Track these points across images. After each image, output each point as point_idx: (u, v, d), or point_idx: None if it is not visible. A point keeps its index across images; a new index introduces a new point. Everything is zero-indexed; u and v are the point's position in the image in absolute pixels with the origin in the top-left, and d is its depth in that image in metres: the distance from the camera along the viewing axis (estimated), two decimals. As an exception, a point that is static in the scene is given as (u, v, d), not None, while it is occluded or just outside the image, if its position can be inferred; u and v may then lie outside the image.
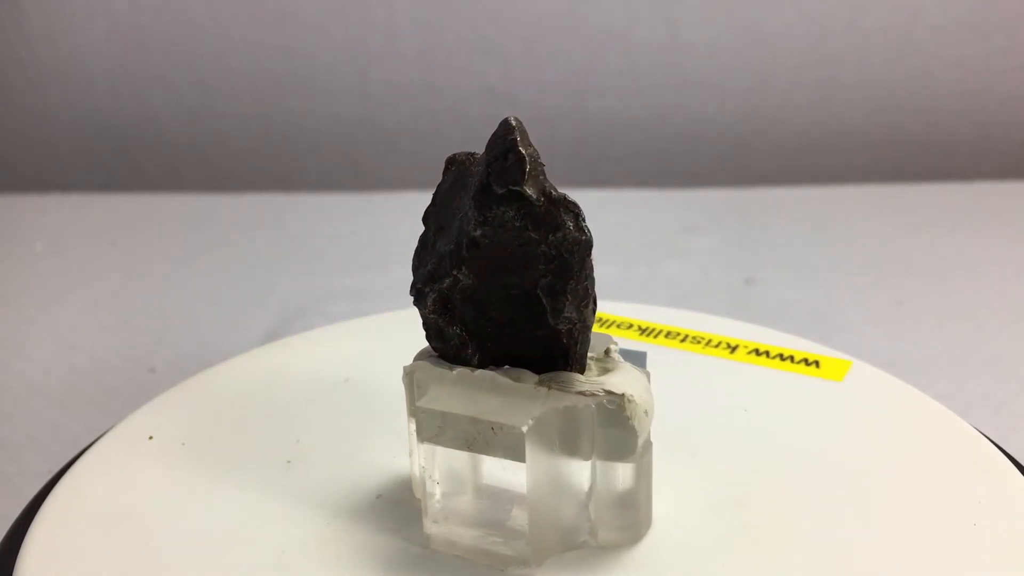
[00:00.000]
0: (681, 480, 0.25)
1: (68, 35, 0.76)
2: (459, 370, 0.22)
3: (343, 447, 0.27)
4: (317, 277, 0.60)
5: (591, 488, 0.22)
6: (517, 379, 0.22)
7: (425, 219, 0.24)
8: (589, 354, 0.23)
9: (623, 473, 0.22)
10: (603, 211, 0.71)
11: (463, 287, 0.22)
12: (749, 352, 0.32)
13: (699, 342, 0.32)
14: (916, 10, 0.76)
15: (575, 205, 0.21)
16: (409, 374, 0.23)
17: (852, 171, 0.78)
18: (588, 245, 0.21)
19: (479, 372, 0.22)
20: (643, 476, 0.22)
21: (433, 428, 0.22)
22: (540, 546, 0.22)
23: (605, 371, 0.22)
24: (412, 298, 0.23)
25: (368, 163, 0.79)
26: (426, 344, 0.24)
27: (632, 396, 0.22)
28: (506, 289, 0.22)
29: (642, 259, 0.62)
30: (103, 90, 0.78)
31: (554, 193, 0.21)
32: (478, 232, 0.21)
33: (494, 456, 0.21)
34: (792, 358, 0.31)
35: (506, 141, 0.21)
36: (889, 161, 0.79)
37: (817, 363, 0.30)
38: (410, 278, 0.24)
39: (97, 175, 0.79)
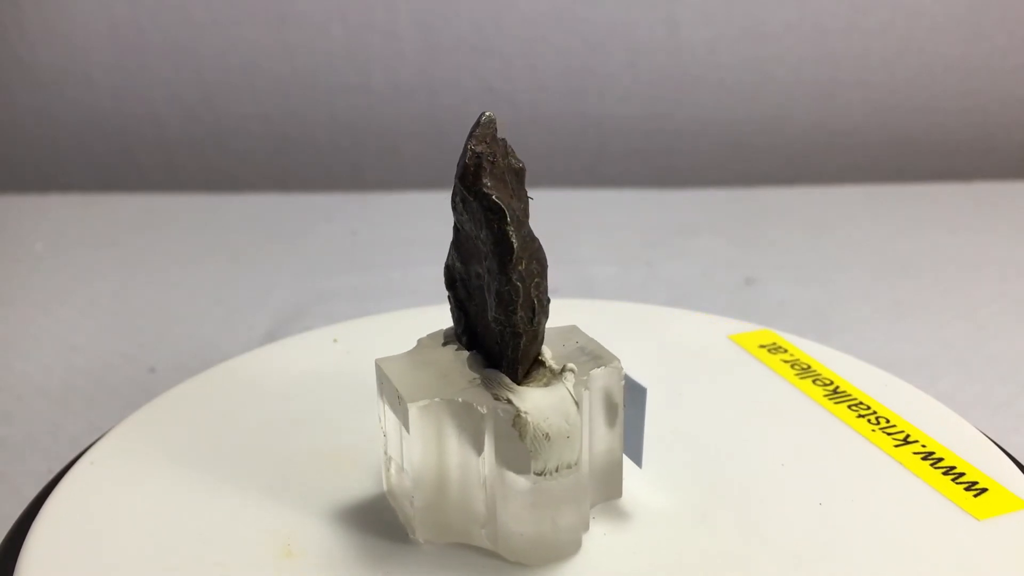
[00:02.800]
0: (660, 539, 0.23)
1: (68, 35, 0.76)
2: (450, 346, 0.24)
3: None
4: (317, 277, 0.60)
5: (483, 487, 0.23)
6: (470, 366, 0.23)
7: None
8: (552, 365, 0.23)
9: (518, 487, 0.22)
10: (603, 211, 0.71)
11: (457, 268, 0.23)
12: (917, 452, 0.27)
13: (876, 423, 0.28)
14: (916, 10, 0.76)
15: (500, 209, 0.21)
16: (419, 340, 0.24)
17: (852, 171, 0.78)
18: (506, 250, 0.21)
19: (461, 352, 0.23)
20: (547, 500, 0.22)
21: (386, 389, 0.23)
22: (425, 521, 0.23)
23: (546, 385, 0.22)
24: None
25: (368, 163, 0.79)
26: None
27: (528, 415, 0.21)
28: (478, 278, 0.23)
29: (642, 259, 0.62)
30: (103, 90, 0.77)
31: (484, 191, 0.21)
32: (455, 217, 0.23)
33: (399, 421, 0.22)
34: (961, 475, 0.26)
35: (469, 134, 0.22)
36: (889, 161, 0.79)
37: (983, 491, 0.25)
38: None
39: (97, 175, 0.79)
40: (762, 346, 0.33)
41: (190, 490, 0.25)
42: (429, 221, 0.67)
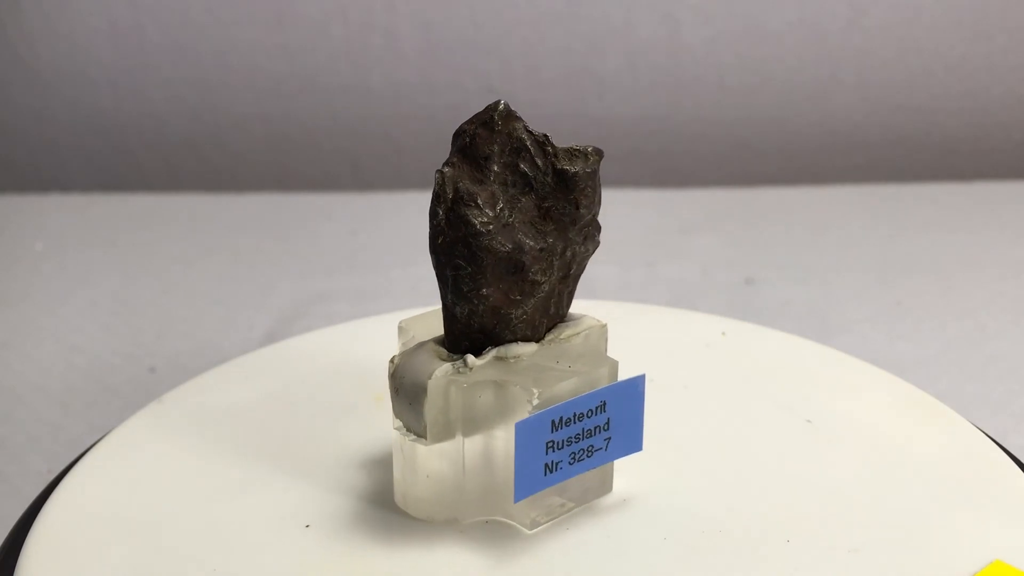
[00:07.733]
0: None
1: (68, 35, 0.76)
2: None
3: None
4: (317, 277, 0.60)
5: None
6: None
7: None
8: (478, 358, 0.23)
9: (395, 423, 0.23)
10: (603, 211, 0.70)
11: None
12: None
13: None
14: (916, 10, 0.76)
15: (445, 196, 0.22)
16: None
17: (852, 171, 0.78)
18: (429, 221, 0.22)
19: None
20: (404, 451, 0.23)
21: None
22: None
23: (446, 361, 0.23)
24: None
25: (368, 163, 0.79)
26: None
27: (395, 365, 0.23)
28: None
29: (642, 259, 0.62)
30: (103, 90, 0.77)
31: (442, 168, 0.22)
32: None
33: None
34: None
35: None
36: (889, 161, 0.79)
37: None
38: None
39: (97, 175, 0.79)
40: None
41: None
42: (429, 221, 0.67)
